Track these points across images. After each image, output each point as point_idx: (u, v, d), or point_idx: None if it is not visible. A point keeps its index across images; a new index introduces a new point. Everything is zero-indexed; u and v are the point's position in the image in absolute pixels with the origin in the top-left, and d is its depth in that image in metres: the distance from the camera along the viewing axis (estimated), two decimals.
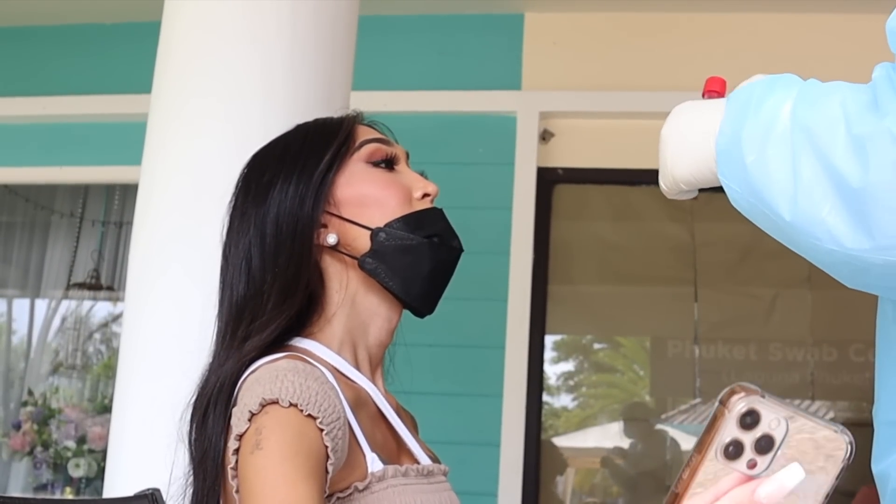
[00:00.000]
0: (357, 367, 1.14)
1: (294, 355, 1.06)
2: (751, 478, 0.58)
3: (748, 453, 0.58)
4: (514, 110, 3.54)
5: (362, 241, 1.15)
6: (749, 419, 0.58)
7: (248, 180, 1.20)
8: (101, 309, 4.92)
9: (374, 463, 1.04)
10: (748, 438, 0.58)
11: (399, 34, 3.62)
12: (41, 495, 3.89)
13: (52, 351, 4.87)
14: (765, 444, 0.58)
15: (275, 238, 1.13)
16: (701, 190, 1.15)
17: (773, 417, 0.58)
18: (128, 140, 2.92)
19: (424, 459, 1.15)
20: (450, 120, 3.53)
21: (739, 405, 0.58)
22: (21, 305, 4.99)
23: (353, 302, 1.15)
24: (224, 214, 1.20)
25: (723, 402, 0.58)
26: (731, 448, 0.58)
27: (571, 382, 4.52)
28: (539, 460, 3.44)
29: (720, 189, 1.28)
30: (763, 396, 0.58)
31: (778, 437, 0.58)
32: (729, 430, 0.58)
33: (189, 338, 1.57)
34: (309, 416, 0.95)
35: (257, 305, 1.11)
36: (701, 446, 0.59)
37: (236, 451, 0.96)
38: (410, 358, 1.27)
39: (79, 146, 3.82)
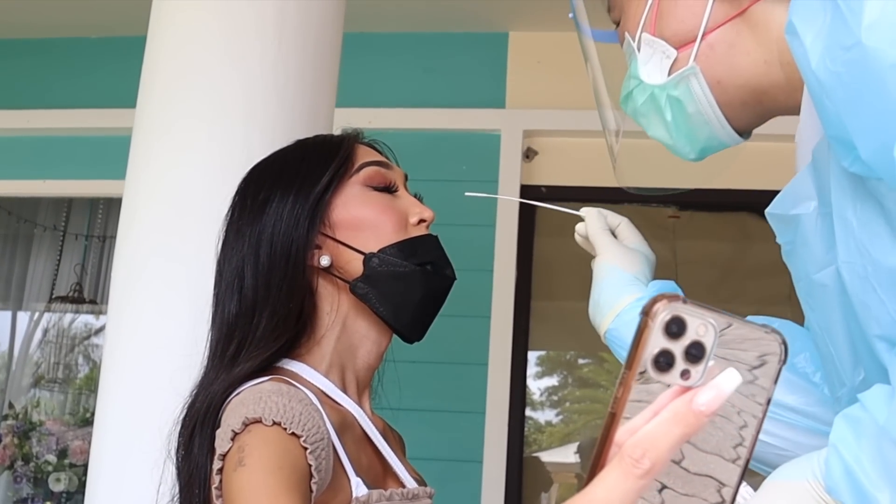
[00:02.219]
0: (344, 390, 1.13)
1: (279, 378, 1.05)
2: (688, 389, 0.55)
3: (680, 363, 0.55)
4: (498, 128, 3.55)
5: (355, 265, 1.14)
6: (675, 327, 0.55)
7: (244, 195, 1.18)
8: (84, 322, 4.90)
9: (358, 487, 1.03)
10: (677, 348, 0.55)
11: (384, 52, 3.64)
12: None
13: (33, 364, 4.85)
14: (695, 353, 0.55)
15: (268, 258, 1.12)
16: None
17: (700, 323, 0.55)
18: (112, 154, 2.91)
19: (410, 482, 1.14)
20: (434, 137, 3.54)
21: (662, 313, 0.54)
22: (3, 318, 4.97)
23: (344, 325, 1.15)
24: (220, 227, 1.19)
25: (646, 313, 0.55)
26: (661, 359, 0.55)
27: (555, 398, 4.53)
28: (521, 477, 3.44)
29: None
30: (685, 302, 0.55)
31: (708, 344, 0.55)
32: (656, 340, 0.55)
33: (173, 352, 1.57)
34: (293, 434, 0.95)
35: (247, 326, 1.10)
36: (631, 362, 0.56)
37: (220, 470, 0.96)
38: (393, 375, 1.27)
39: (63, 160, 3.81)
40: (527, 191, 3.53)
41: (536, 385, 4.29)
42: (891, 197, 0.76)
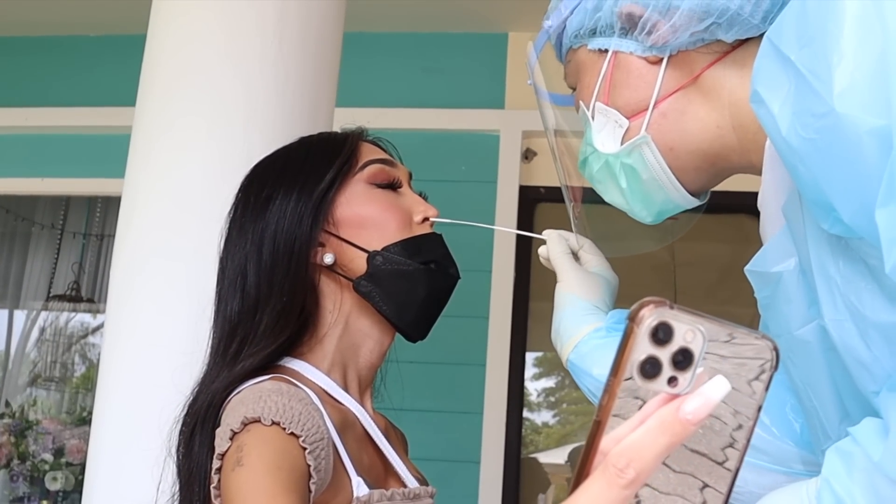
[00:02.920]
0: (346, 389, 1.13)
1: (279, 377, 1.05)
2: (675, 396, 0.53)
3: (667, 370, 0.53)
4: (497, 129, 3.55)
5: (359, 263, 1.13)
6: (661, 333, 0.53)
7: (247, 192, 1.18)
8: (81, 321, 4.90)
9: (359, 487, 1.03)
10: (664, 354, 0.53)
11: (384, 52, 3.63)
12: None
13: (30, 362, 4.85)
14: (683, 359, 0.53)
15: (271, 255, 1.11)
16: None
17: (687, 329, 0.53)
18: (110, 152, 2.91)
19: (411, 482, 1.14)
20: (433, 137, 3.54)
21: (649, 319, 0.53)
22: (0, 317, 4.97)
23: (346, 323, 1.14)
24: (222, 224, 1.18)
25: (632, 319, 0.53)
26: (647, 366, 0.53)
27: (552, 399, 4.53)
28: (519, 477, 3.44)
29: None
30: (672, 307, 0.53)
31: (696, 350, 0.53)
32: (642, 346, 0.53)
33: (171, 350, 1.57)
34: (291, 434, 0.95)
35: (250, 323, 1.10)
36: (617, 369, 0.54)
37: (218, 469, 0.95)
38: (392, 374, 1.27)
39: (61, 158, 3.81)
40: (526, 191, 3.53)
41: (534, 386, 4.29)
42: (874, 255, 0.76)
